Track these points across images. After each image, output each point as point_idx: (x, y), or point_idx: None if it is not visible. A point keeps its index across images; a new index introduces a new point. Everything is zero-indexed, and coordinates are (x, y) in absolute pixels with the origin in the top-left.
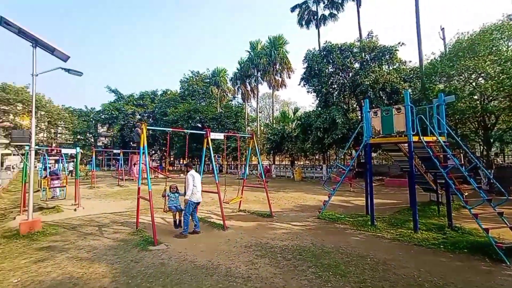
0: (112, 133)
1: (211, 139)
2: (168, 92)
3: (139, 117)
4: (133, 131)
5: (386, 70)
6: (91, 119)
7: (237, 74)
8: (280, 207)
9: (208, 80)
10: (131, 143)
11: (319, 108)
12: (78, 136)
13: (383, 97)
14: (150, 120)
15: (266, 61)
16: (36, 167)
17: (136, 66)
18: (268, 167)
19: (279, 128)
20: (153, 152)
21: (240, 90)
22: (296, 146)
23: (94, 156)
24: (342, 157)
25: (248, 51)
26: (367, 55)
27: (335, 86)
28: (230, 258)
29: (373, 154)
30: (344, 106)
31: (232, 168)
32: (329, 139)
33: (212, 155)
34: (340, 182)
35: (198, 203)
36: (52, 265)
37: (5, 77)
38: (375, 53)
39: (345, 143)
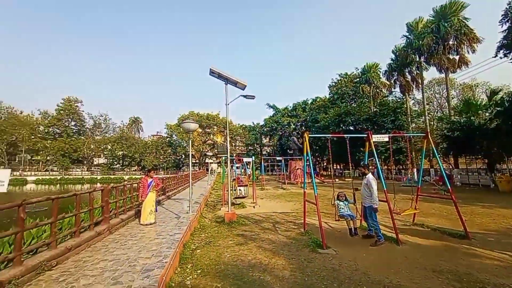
0: (272, 142)
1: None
2: (318, 100)
3: (293, 126)
4: (289, 140)
5: None
6: (257, 132)
7: (392, 65)
8: (479, 227)
9: (358, 80)
10: (288, 150)
11: None
12: (249, 147)
13: None
14: (303, 128)
15: (431, 39)
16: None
17: (289, 79)
18: (448, 172)
19: (461, 120)
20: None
21: (397, 82)
22: (496, 143)
23: (262, 163)
24: None
25: (405, 36)
26: None
27: None
28: (414, 281)
29: None
30: None
31: (394, 173)
32: None
33: (377, 159)
34: None
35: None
36: (247, 249)
37: (204, 107)
38: None
39: None
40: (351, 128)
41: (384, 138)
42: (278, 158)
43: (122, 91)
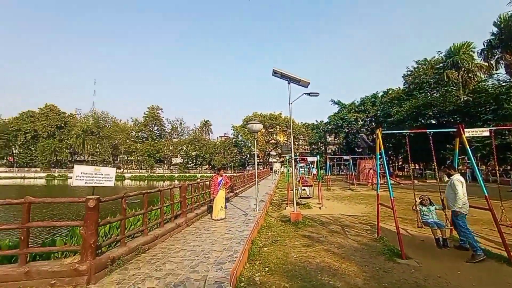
0: (338, 140)
1: (466, 138)
2: (390, 92)
3: (361, 122)
4: (357, 137)
5: None
6: (321, 131)
7: (493, 42)
8: None
9: (441, 65)
10: (356, 148)
11: None
12: (313, 146)
13: None
14: (373, 124)
15: None
16: (289, 171)
17: (353, 72)
18: None
19: None
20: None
21: (501, 62)
22: None
23: (327, 162)
24: None
25: None
26: None
27: None
28: None
29: None
30: None
31: (499, 175)
32: None
33: (472, 158)
34: None
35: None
36: (315, 251)
37: (266, 107)
38: None
39: None
40: (433, 121)
41: (483, 132)
42: (345, 157)
43: (193, 95)
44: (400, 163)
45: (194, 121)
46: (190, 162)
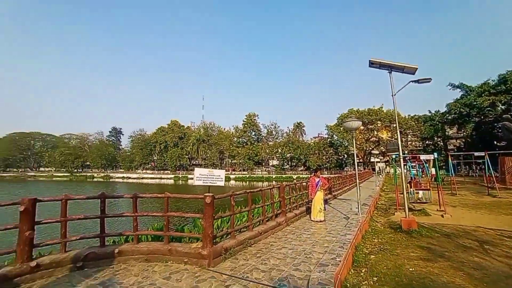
0: (464, 133)
1: None
2: None
3: (501, 107)
4: (497, 127)
5: None
6: (437, 123)
7: None
8: None
9: None
10: (496, 142)
11: None
12: (427, 142)
13: None
14: None
15: None
16: (396, 171)
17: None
18: None
19: None
20: None
21: None
22: None
23: (449, 160)
24: None
25: None
26: None
27: None
28: None
29: None
30: None
31: None
32: None
33: None
34: None
35: None
36: (439, 268)
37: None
38: None
39: None
40: None
41: None
42: (476, 154)
43: (285, 97)
44: None
45: (287, 123)
46: (285, 163)
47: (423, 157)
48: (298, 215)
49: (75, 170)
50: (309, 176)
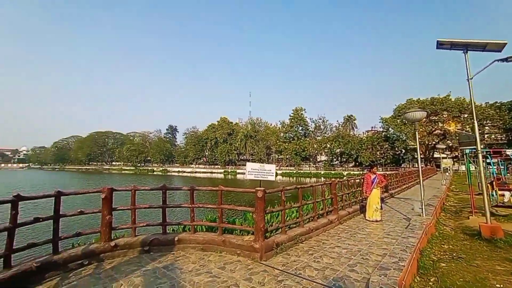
0: None
1: None
2: None
3: None
4: None
5: None
6: None
7: None
8: None
9: None
10: None
11: None
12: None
13: None
14: None
15: None
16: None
17: None
18: None
19: None
20: None
21: None
22: None
23: None
24: None
25: None
26: None
27: None
28: None
29: None
30: None
31: None
32: None
33: None
34: None
35: None
36: None
37: (433, 91)
38: None
39: None
40: None
41: None
42: None
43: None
44: None
45: (337, 117)
46: (334, 159)
47: (509, 151)
48: (351, 213)
49: (139, 164)
50: (361, 172)
